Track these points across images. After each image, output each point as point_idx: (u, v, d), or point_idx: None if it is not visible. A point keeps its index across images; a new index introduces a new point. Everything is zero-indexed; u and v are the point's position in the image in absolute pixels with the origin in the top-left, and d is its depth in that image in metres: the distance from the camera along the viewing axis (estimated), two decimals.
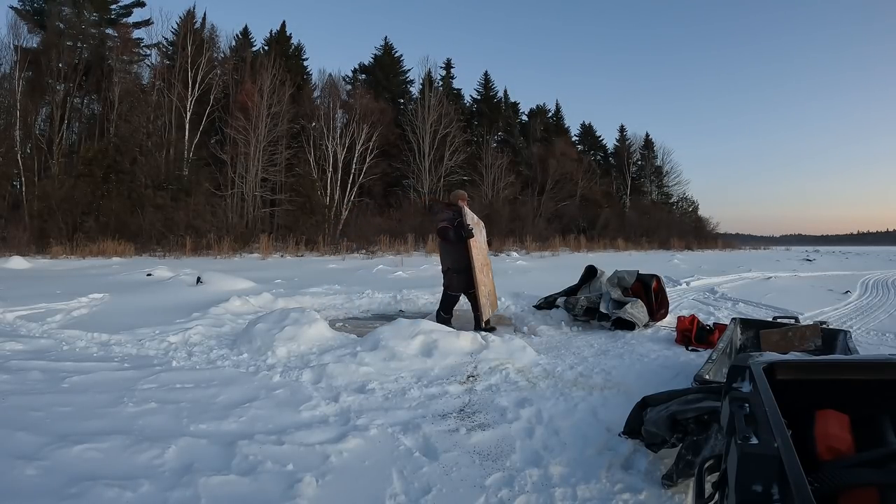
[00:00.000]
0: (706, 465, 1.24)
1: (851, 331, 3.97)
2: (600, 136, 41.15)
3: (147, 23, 24.78)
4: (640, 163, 41.48)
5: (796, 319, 4.05)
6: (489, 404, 2.82)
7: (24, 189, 18.64)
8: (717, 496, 1.18)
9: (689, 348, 4.15)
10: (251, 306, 5.72)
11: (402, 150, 26.97)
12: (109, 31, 23.90)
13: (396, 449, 2.26)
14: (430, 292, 7.34)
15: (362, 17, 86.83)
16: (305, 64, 29.71)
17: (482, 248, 5.29)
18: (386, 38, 32.48)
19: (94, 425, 2.37)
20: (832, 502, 1.05)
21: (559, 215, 30.10)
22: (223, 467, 2.01)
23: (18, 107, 18.89)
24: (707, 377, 2.69)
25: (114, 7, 24.25)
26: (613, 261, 11.61)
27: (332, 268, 12.66)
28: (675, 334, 4.46)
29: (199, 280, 7.17)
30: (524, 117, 36.86)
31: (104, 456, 2.05)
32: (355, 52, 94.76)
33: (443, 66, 32.87)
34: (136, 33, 24.84)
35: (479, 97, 35.12)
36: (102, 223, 17.87)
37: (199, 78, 22.23)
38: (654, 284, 5.22)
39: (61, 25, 21.71)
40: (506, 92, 36.11)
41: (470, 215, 4.98)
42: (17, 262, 11.88)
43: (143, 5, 24.93)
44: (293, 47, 29.61)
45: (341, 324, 5.14)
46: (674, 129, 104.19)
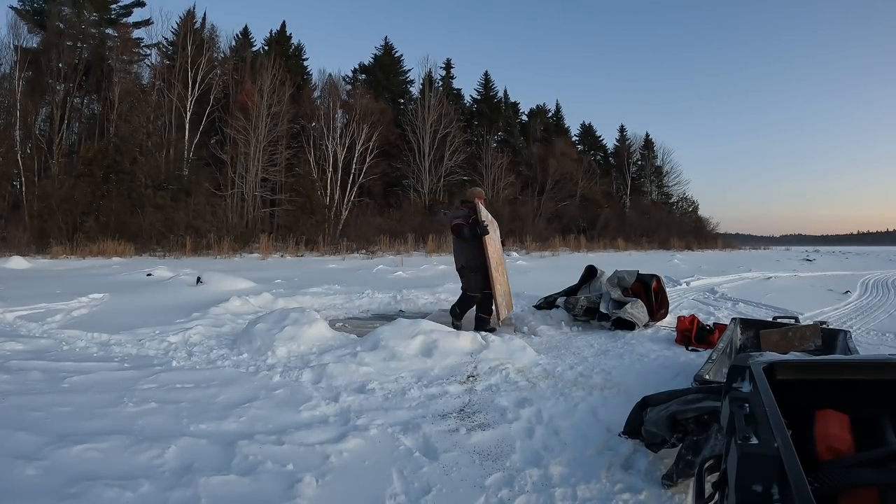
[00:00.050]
0: (706, 465, 1.24)
1: (851, 331, 3.97)
2: (600, 136, 41.25)
3: (147, 23, 24.84)
4: (640, 163, 41.50)
5: (796, 319, 4.05)
6: (489, 404, 2.82)
7: (24, 189, 18.66)
8: (717, 496, 1.18)
9: (689, 348, 4.15)
10: (251, 306, 5.72)
11: (402, 150, 26.98)
12: (109, 31, 23.93)
13: (396, 449, 2.26)
14: (430, 292, 7.35)
15: (362, 17, 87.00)
16: (305, 64, 29.78)
17: (497, 247, 5.19)
18: (386, 38, 32.55)
19: (94, 425, 2.36)
20: (832, 502, 1.05)
21: (559, 215, 30.11)
22: (223, 467, 2.01)
23: (18, 107, 18.90)
24: (707, 377, 2.68)
25: (114, 7, 24.29)
26: (613, 261, 11.61)
27: (332, 268, 12.67)
28: (675, 334, 4.45)
29: (199, 280, 7.17)
30: (524, 117, 36.90)
31: (104, 456, 2.05)
32: (355, 52, 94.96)
33: (443, 66, 32.96)
34: (136, 33, 24.91)
35: (479, 97, 35.15)
36: (102, 223, 17.89)
37: (199, 78, 22.24)
38: (654, 284, 5.22)
39: (61, 25, 21.72)
40: (506, 92, 36.21)
41: (485, 213, 4.90)
42: (17, 262, 11.89)
43: (143, 5, 24.98)
44: (293, 47, 29.63)
45: (341, 324, 5.14)
46: (674, 129, 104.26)
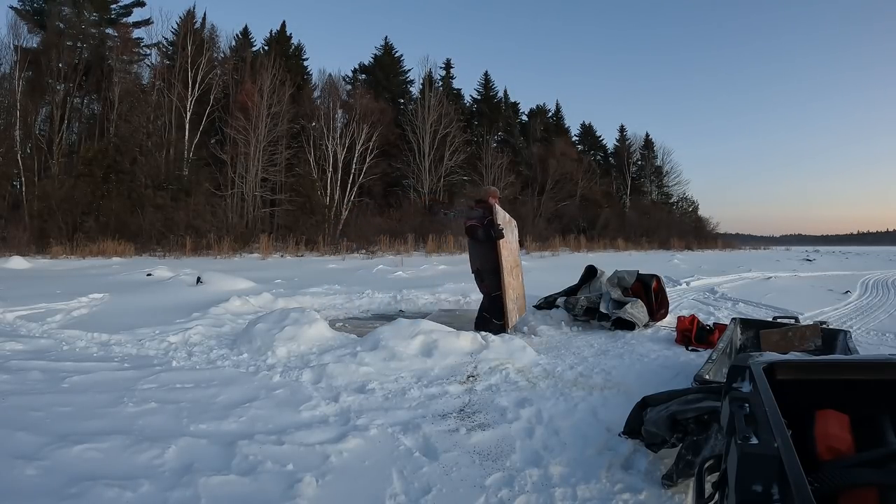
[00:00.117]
0: (706, 465, 1.24)
1: (851, 331, 3.97)
2: (600, 136, 41.20)
3: (147, 22, 24.83)
4: (640, 163, 41.47)
5: (796, 319, 4.05)
6: (489, 404, 2.82)
7: (24, 189, 18.66)
8: (717, 496, 1.18)
9: (689, 348, 4.15)
10: (251, 306, 5.72)
11: (402, 150, 26.97)
12: (109, 30, 23.92)
13: (396, 449, 2.26)
14: (430, 292, 7.35)
15: (362, 17, 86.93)
16: (305, 64, 29.76)
17: (513, 249, 5.00)
18: (386, 38, 32.50)
19: (94, 425, 2.37)
20: (832, 502, 1.05)
21: (559, 215, 30.09)
22: (223, 467, 2.01)
23: (18, 107, 18.90)
24: (707, 377, 2.68)
25: (114, 7, 24.28)
26: (613, 261, 11.62)
27: (332, 268, 12.67)
28: (675, 334, 4.46)
29: (199, 280, 7.18)
30: (524, 117, 36.87)
31: (104, 456, 2.05)
32: (355, 52, 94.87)
33: (443, 66, 32.91)
34: (136, 33, 24.90)
35: (479, 97, 35.13)
36: (102, 223, 17.89)
37: (199, 78, 22.24)
38: (654, 284, 5.22)
39: (61, 25, 21.72)
40: (506, 92, 36.17)
41: (501, 214, 4.73)
42: (17, 262, 11.89)
43: (143, 5, 24.97)
44: (293, 47, 29.62)
45: (341, 324, 5.14)
46: (674, 129, 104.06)
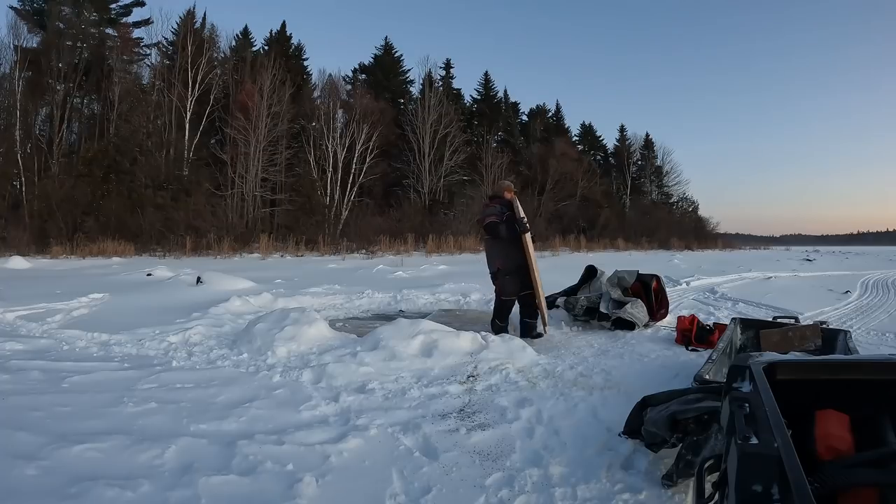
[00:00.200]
0: (706, 465, 1.24)
1: (851, 331, 3.96)
2: (600, 136, 41.18)
3: (147, 22, 24.81)
4: (640, 163, 41.46)
5: (796, 319, 4.05)
6: (489, 404, 2.82)
7: (24, 189, 18.66)
8: (717, 496, 1.18)
9: (689, 348, 4.15)
10: (251, 306, 5.72)
11: (402, 150, 26.98)
12: (109, 30, 23.92)
13: (396, 449, 2.26)
14: (430, 292, 7.35)
15: (362, 17, 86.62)
16: (305, 64, 29.74)
17: (532, 247, 4.79)
18: (386, 38, 32.48)
19: (94, 425, 2.37)
20: (832, 502, 1.05)
21: (559, 215, 30.08)
22: (223, 467, 2.01)
23: (18, 107, 18.91)
24: (707, 377, 2.68)
25: (113, 7, 24.27)
26: (613, 261, 11.60)
27: (332, 268, 12.67)
28: (675, 334, 4.45)
29: (199, 280, 7.18)
30: (524, 117, 36.89)
31: (104, 456, 2.06)
32: (355, 52, 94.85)
33: (443, 66, 32.88)
34: (136, 33, 24.91)
35: (479, 97, 35.13)
36: (102, 223, 17.90)
37: (199, 78, 22.23)
38: (654, 284, 5.22)
39: (61, 25, 21.72)
40: (506, 92, 36.14)
41: (521, 208, 4.50)
42: (17, 262, 11.90)
43: (142, 5, 24.96)
44: (293, 47, 29.61)
45: (341, 324, 5.14)
46: (674, 128, 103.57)
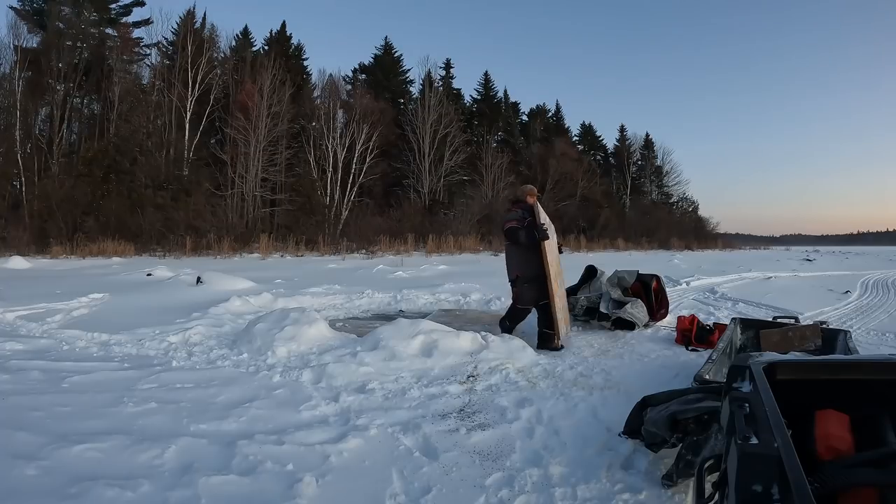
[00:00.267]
0: (706, 465, 1.24)
1: (851, 331, 3.97)
2: (600, 136, 41.20)
3: (147, 22, 24.79)
4: (640, 163, 41.49)
5: (796, 319, 4.05)
6: (489, 404, 2.82)
7: (24, 189, 18.65)
8: (717, 496, 1.18)
9: (689, 348, 4.15)
10: (251, 306, 5.72)
11: (402, 150, 26.99)
12: (109, 30, 23.90)
13: (396, 449, 2.26)
14: (430, 292, 7.35)
15: (362, 17, 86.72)
16: (305, 64, 29.73)
17: (556, 254, 4.54)
18: (386, 38, 32.48)
19: (94, 425, 2.37)
20: (832, 502, 1.05)
21: (559, 215, 30.01)
22: (223, 467, 2.01)
23: (18, 107, 18.90)
24: (707, 377, 2.68)
25: (113, 7, 24.26)
26: (613, 261, 11.60)
27: (332, 268, 12.66)
28: (675, 334, 4.46)
29: (199, 280, 7.18)
30: (524, 117, 36.88)
31: (104, 456, 2.06)
32: (355, 52, 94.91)
33: (443, 66, 32.89)
34: (136, 33, 24.89)
35: (479, 97, 35.14)
36: (102, 223, 17.89)
37: (199, 78, 22.23)
38: (653, 284, 5.22)
39: (61, 25, 21.70)
40: (506, 92, 36.15)
41: (543, 215, 4.32)
42: (17, 262, 11.90)
43: (142, 5, 24.94)
44: (293, 47, 29.60)
45: (341, 324, 5.14)
46: (674, 128, 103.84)
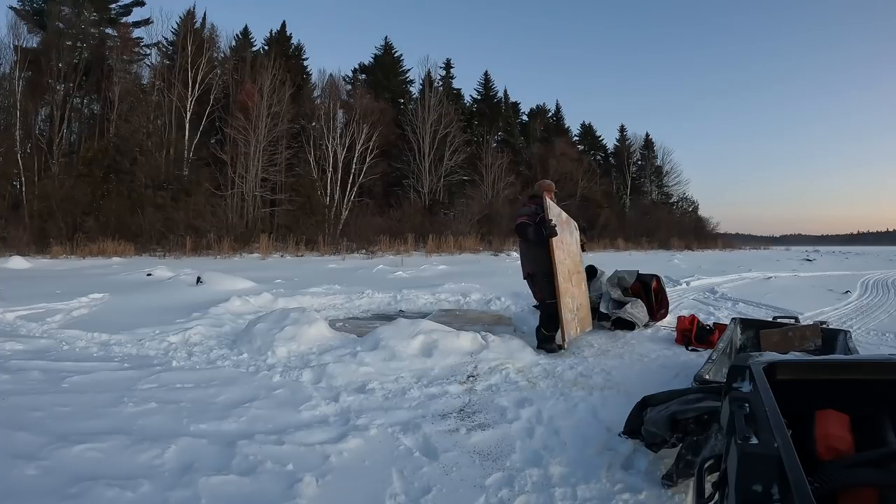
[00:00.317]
0: (706, 465, 1.24)
1: (851, 331, 3.97)
2: (600, 136, 41.21)
3: (147, 22, 24.79)
4: (640, 163, 41.50)
5: (796, 319, 4.05)
6: (489, 404, 2.82)
7: (24, 189, 18.65)
8: (717, 496, 1.18)
9: (689, 348, 4.15)
10: (251, 306, 5.72)
11: (402, 150, 26.99)
12: (109, 30, 23.90)
13: (396, 449, 2.26)
14: (430, 292, 7.34)
15: (362, 17, 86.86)
16: (305, 64, 29.73)
17: (572, 251, 4.40)
18: (386, 38, 32.49)
19: (94, 425, 2.37)
20: (832, 502, 1.05)
21: None
22: (223, 467, 2.01)
23: (18, 107, 18.90)
24: (707, 377, 2.68)
25: (113, 7, 24.25)
26: (613, 261, 11.60)
27: (332, 268, 12.66)
28: (675, 334, 4.46)
29: (199, 280, 7.18)
30: (524, 117, 36.88)
31: (104, 456, 2.06)
32: (355, 52, 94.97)
33: (443, 66, 32.89)
34: (136, 33, 24.88)
35: (479, 97, 35.14)
36: (102, 223, 17.89)
37: (199, 78, 22.22)
38: (654, 284, 5.22)
39: (61, 25, 21.69)
40: (506, 92, 36.16)
41: (554, 210, 4.22)
42: (17, 262, 11.89)
43: (142, 4, 24.94)
44: (293, 47, 29.60)
45: (341, 324, 5.14)
46: (674, 128, 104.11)
